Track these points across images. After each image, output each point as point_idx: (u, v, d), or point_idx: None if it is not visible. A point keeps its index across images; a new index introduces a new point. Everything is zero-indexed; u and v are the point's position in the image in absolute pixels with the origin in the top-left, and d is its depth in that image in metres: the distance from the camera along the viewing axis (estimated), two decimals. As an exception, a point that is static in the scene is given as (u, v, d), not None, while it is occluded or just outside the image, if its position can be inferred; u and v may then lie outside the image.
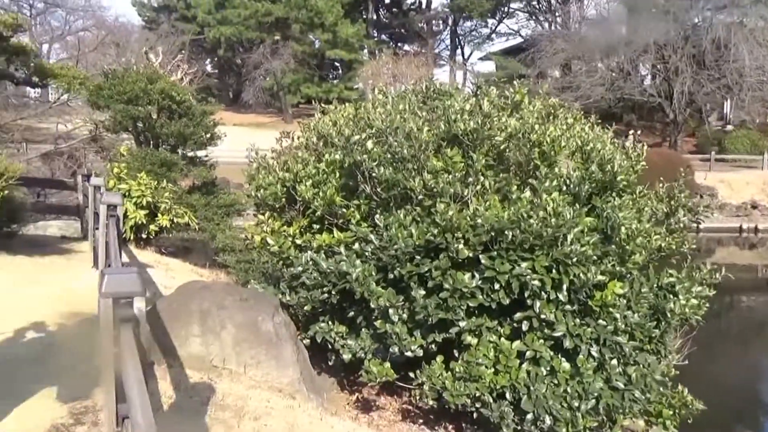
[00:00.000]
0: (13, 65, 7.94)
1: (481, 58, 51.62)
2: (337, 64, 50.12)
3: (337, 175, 5.82)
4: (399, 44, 53.39)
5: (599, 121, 6.43)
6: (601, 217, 5.58)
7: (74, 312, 5.57)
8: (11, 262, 7.07)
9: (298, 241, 6.00)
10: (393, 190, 5.39)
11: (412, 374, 5.77)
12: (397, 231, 5.21)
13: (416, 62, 40.02)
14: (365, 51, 49.07)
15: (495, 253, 4.95)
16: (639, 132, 7.12)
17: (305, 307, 5.68)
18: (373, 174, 5.39)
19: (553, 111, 6.01)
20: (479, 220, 4.88)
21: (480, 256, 4.96)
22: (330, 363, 6.34)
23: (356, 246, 5.68)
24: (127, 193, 9.51)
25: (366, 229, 5.52)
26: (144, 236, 10.07)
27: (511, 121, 5.43)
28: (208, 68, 48.26)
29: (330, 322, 5.88)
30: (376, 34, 52.45)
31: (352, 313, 5.73)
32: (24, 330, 4.92)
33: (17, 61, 7.92)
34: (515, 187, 5.31)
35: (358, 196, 5.75)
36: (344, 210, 5.76)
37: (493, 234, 4.91)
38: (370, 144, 5.31)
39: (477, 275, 5.01)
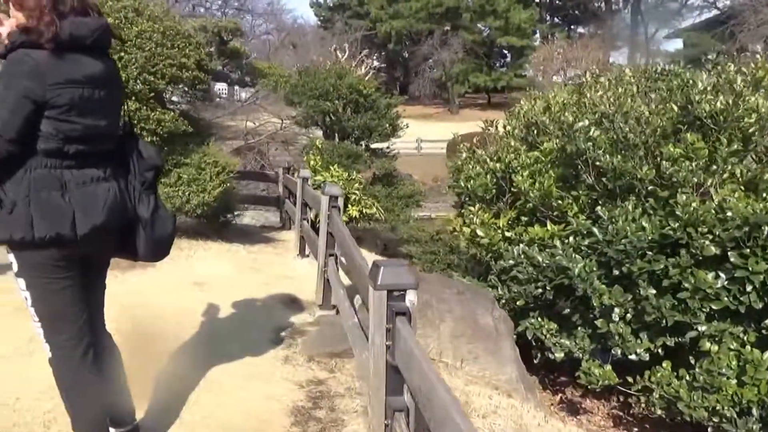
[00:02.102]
0: (227, 67, 8.52)
1: (666, 36, 47.35)
2: (505, 51, 49.06)
3: (553, 164, 5.51)
4: (573, 27, 51.12)
5: None
6: None
7: (291, 298, 5.78)
8: (228, 250, 7.58)
9: (508, 234, 5.79)
10: (620, 180, 4.98)
11: (630, 378, 5.35)
12: (624, 224, 4.80)
13: (592, 45, 38.00)
14: (537, 36, 47.51)
15: (748, 250, 4.37)
16: None
17: (518, 302, 5.46)
18: (597, 163, 5.01)
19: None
20: (729, 213, 4.33)
21: (729, 254, 4.40)
22: (535, 361, 6.08)
23: (570, 239, 5.36)
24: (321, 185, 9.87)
25: (586, 221, 5.17)
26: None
27: (760, 100, 4.76)
28: (375, 63, 49.52)
29: (540, 318, 5.61)
30: (548, 18, 50.61)
31: (567, 310, 5.41)
32: (254, 314, 5.18)
33: (231, 63, 8.49)
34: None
35: (576, 186, 5.40)
36: (559, 201, 5.44)
37: (746, 229, 4.32)
38: (596, 131, 4.93)
39: (723, 275, 4.46)
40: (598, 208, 5.10)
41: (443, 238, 10.26)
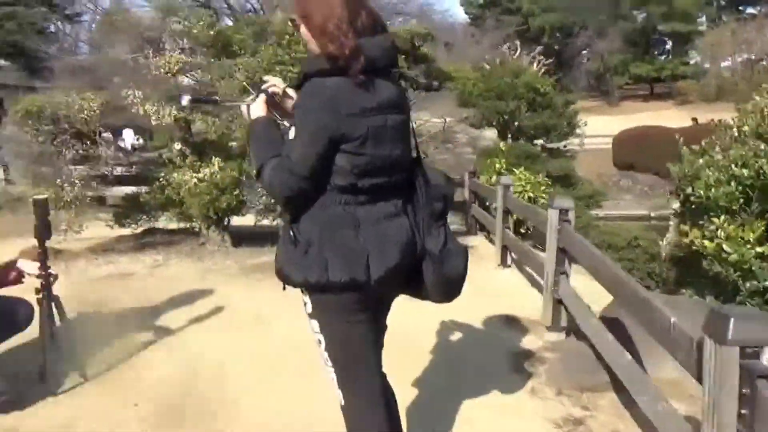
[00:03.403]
0: (415, 71, 8.40)
1: None
2: (665, 39, 45.87)
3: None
4: (742, 7, 46.66)
5: None
6: None
7: (509, 315, 5.41)
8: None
9: (760, 249, 5.05)
10: None
11: None
12: None
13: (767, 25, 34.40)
14: (703, 19, 43.94)
15: None
16: None
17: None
18: None
19: None
20: None
21: None
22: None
23: None
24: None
25: None
26: (523, 231, 9.96)
27: None
28: (534, 57, 48.22)
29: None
30: (715, 0, 46.61)
31: None
32: (478, 333, 4.92)
33: (417, 68, 8.36)
34: None
35: None
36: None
37: None
38: None
39: None
40: None
41: (642, 245, 9.46)
